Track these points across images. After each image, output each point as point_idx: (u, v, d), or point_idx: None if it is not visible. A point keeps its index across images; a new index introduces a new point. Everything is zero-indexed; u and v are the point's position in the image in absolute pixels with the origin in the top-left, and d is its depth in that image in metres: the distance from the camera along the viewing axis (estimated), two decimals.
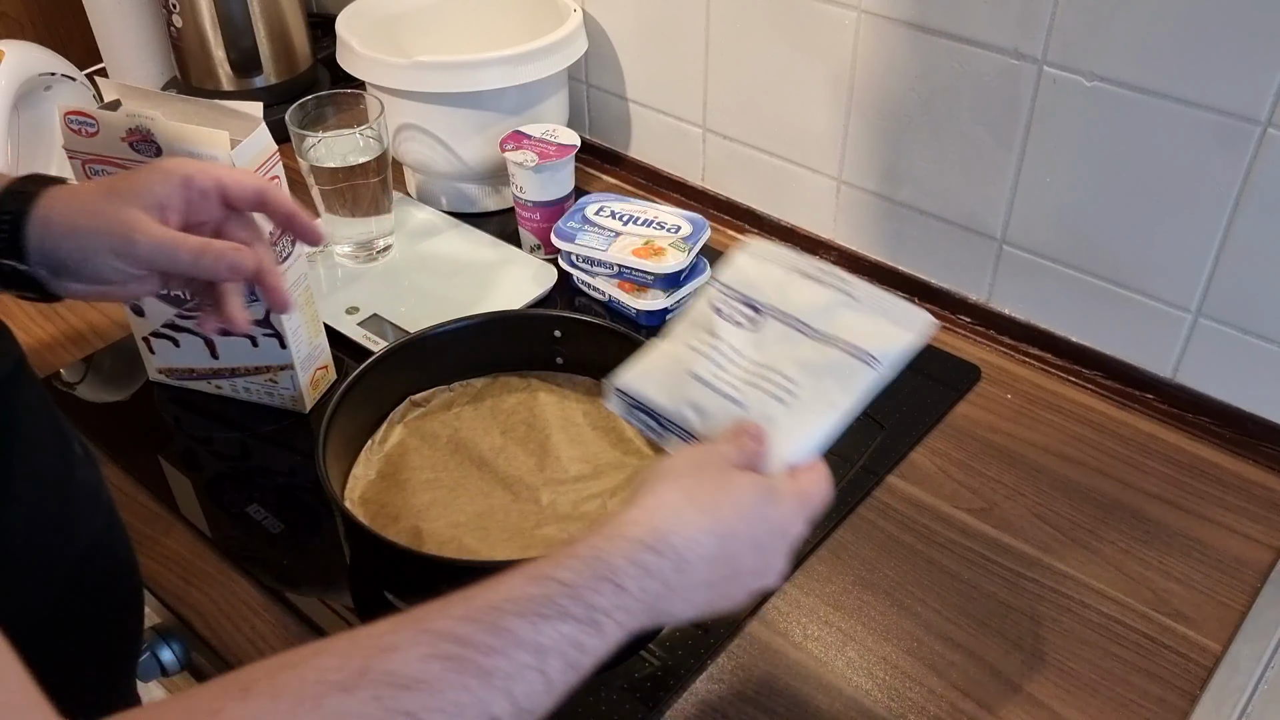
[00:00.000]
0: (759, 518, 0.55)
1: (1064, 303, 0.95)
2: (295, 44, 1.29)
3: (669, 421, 0.65)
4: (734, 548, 0.53)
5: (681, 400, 0.64)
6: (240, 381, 0.92)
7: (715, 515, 0.53)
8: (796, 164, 1.07)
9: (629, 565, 0.49)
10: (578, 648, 0.46)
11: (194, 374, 0.93)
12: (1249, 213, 0.81)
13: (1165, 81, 0.80)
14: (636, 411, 0.66)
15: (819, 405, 0.62)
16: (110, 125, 0.78)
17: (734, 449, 0.58)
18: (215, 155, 0.77)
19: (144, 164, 0.73)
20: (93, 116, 0.78)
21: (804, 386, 0.63)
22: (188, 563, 0.81)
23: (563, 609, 0.46)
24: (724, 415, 0.63)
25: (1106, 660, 0.73)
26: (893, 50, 0.94)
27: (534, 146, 1.05)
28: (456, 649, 0.43)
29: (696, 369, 0.65)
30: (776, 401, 0.62)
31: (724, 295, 0.68)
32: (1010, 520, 0.83)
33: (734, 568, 0.54)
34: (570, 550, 0.49)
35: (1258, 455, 0.87)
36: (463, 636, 0.44)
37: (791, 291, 0.67)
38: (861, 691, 0.71)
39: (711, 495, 0.54)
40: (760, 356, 0.65)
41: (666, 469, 0.56)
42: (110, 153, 0.80)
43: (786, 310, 0.66)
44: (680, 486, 0.54)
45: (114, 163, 0.80)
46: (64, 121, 0.79)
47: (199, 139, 0.77)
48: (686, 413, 0.64)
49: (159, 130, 0.77)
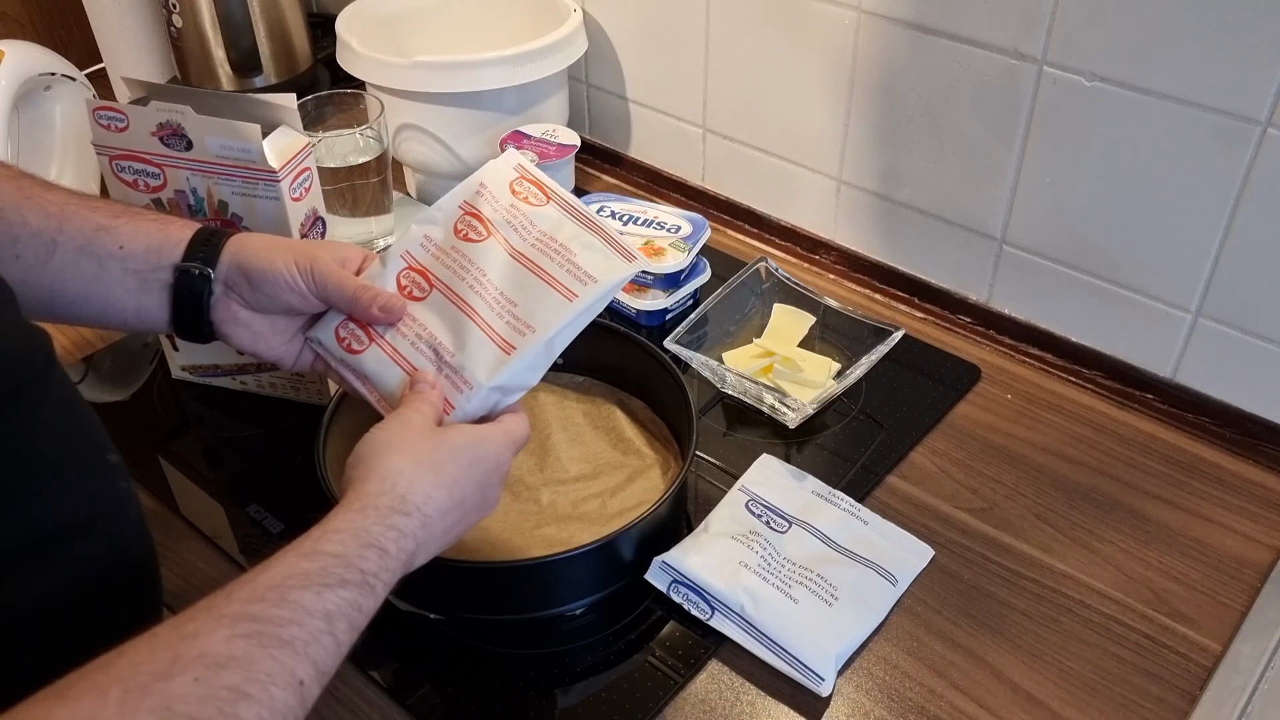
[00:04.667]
0: (475, 461, 0.62)
1: (1064, 303, 0.95)
2: (295, 44, 1.29)
3: (718, 601, 0.74)
4: (460, 493, 0.61)
5: (737, 586, 0.74)
6: (265, 377, 0.92)
7: (440, 470, 0.60)
8: (796, 164, 1.07)
9: (386, 530, 0.56)
10: (357, 609, 0.52)
11: (219, 370, 0.93)
12: (1249, 213, 0.81)
13: (1165, 81, 0.80)
14: (681, 587, 0.76)
15: (859, 609, 0.74)
16: (140, 119, 0.78)
17: (428, 407, 0.65)
18: (248, 148, 0.77)
19: (176, 157, 0.79)
20: (122, 111, 0.78)
21: (842, 591, 0.75)
22: (188, 563, 0.81)
23: (340, 577, 0.52)
24: (775, 603, 0.73)
25: (1106, 660, 0.73)
26: (893, 50, 0.94)
27: (534, 146, 1.05)
28: (256, 626, 0.48)
29: (746, 559, 0.76)
30: (823, 602, 0.74)
31: (760, 504, 0.81)
32: (1010, 520, 0.83)
33: (463, 509, 0.62)
34: (329, 525, 0.55)
35: (1258, 455, 0.87)
36: (256, 614, 0.48)
37: (815, 510, 0.81)
38: (861, 691, 0.71)
39: (431, 454, 0.61)
40: (800, 560, 0.77)
41: (383, 441, 0.61)
42: (140, 148, 0.79)
43: (815, 524, 0.79)
44: (404, 453, 0.60)
45: (142, 158, 0.80)
46: (93, 117, 0.79)
47: (231, 131, 0.77)
48: (740, 597, 0.73)
49: (189, 123, 0.77)
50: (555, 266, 0.69)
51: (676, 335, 0.93)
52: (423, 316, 0.70)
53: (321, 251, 0.70)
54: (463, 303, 0.69)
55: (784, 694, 0.72)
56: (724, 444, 0.89)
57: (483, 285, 0.70)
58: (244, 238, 0.70)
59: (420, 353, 0.69)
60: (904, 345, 0.94)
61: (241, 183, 0.79)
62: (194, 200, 0.82)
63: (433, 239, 0.72)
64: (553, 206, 0.72)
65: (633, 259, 0.70)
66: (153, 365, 0.99)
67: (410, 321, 0.70)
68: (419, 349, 0.69)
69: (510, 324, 0.68)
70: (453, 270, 0.71)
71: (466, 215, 0.72)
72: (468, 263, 0.70)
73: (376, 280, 0.71)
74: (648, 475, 0.82)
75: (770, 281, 1.00)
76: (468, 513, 0.63)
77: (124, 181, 0.82)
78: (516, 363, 0.67)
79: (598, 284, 0.68)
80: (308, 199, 0.82)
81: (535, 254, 0.70)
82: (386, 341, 0.70)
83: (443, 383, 0.67)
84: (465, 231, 0.72)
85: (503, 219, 0.72)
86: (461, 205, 0.73)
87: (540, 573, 0.73)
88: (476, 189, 0.73)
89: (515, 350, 0.67)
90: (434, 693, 0.72)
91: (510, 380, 0.67)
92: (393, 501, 0.57)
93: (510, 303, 0.69)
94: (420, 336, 0.69)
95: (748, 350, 0.96)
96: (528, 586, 0.74)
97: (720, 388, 0.93)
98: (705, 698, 0.71)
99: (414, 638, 0.75)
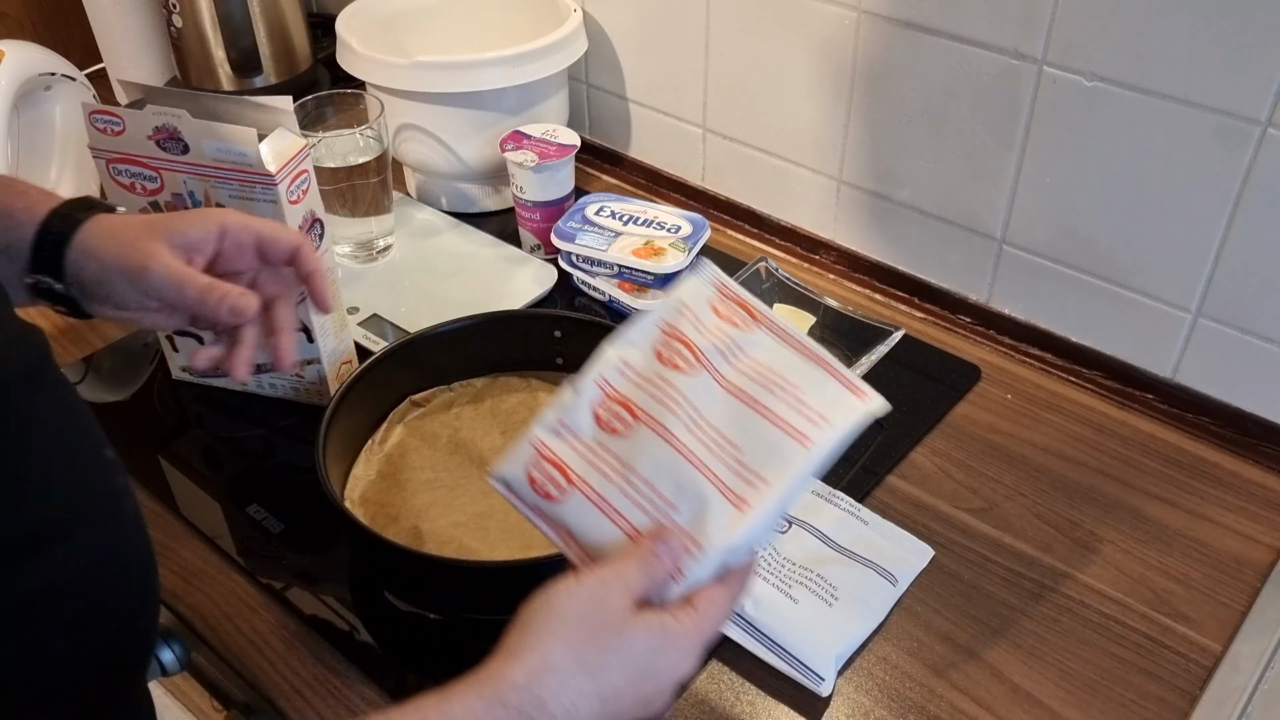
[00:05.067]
0: (648, 674, 0.53)
1: (1064, 303, 0.95)
2: (295, 44, 1.29)
3: None
4: (616, 707, 0.52)
5: None
6: (265, 378, 0.92)
7: (601, 679, 0.52)
8: (796, 164, 1.07)
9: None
10: None
11: (219, 371, 0.93)
12: (1249, 213, 0.81)
13: (1165, 81, 0.80)
14: None
15: (859, 609, 0.74)
16: (137, 123, 0.78)
17: (641, 580, 0.55)
18: (244, 151, 0.77)
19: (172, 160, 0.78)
20: (119, 115, 0.78)
21: (842, 591, 0.74)
22: (188, 563, 0.81)
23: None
24: (775, 603, 0.73)
25: (1106, 660, 0.73)
26: (893, 50, 0.94)
27: (534, 146, 1.05)
28: None
29: None
30: (823, 603, 0.73)
31: None
32: (1010, 520, 0.83)
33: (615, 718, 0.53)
34: (446, 707, 0.50)
35: (1258, 455, 0.87)
36: None
37: (815, 510, 0.79)
38: (861, 691, 0.71)
39: (599, 655, 0.52)
40: (800, 560, 0.75)
41: (560, 615, 0.53)
42: (136, 151, 0.79)
43: (814, 524, 0.78)
44: (568, 644, 0.52)
45: (139, 162, 0.80)
46: (89, 121, 0.79)
47: (227, 135, 0.77)
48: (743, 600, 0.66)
49: (186, 127, 0.77)
50: (779, 404, 0.59)
51: None
52: (630, 457, 0.59)
53: (159, 249, 0.66)
54: (678, 442, 0.59)
55: (784, 694, 0.72)
56: None
57: (698, 424, 0.59)
58: (85, 244, 0.66)
59: (635, 503, 0.58)
60: (904, 345, 0.94)
61: (239, 185, 0.79)
62: (192, 203, 0.82)
63: (632, 364, 0.62)
64: (764, 331, 0.62)
65: (864, 395, 0.59)
66: (153, 365, 0.99)
67: (616, 463, 0.59)
68: (633, 498, 0.58)
69: (737, 473, 0.58)
70: (661, 402, 0.60)
71: (668, 338, 0.62)
72: (678, 395, 0.60)
73: (570, 413, 0.61)
74: None
75: (770, 281, 1.00)
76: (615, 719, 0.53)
77: (121, 185, 0.82)
78: (753, 521, 0.56)
79: (832, 426, 0.58)
80: (305, 201, 0.82)
81: (754, 388, 0.60)
82: (592, 487, 0.59)
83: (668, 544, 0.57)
84: (671, 358, 0.61)
85: (711, 345, 0.62)
86: (661, 326, 0.62)
87: (540, 572, 0.72)
88: (678, 308, 0.63)
89: (749, 506, 0.56)
90: None
91: (745, 542, 0.56)
92: (526, 702, 0.50)
93: (733, 446, 0.58)
94: (632, 483, 0.58)
95: None
96: (528, 586, 0.74)
97: None
98: (705, 698, 0.71)
99: (414, 638, 0.75)
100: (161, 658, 0.82)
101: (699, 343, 0.62)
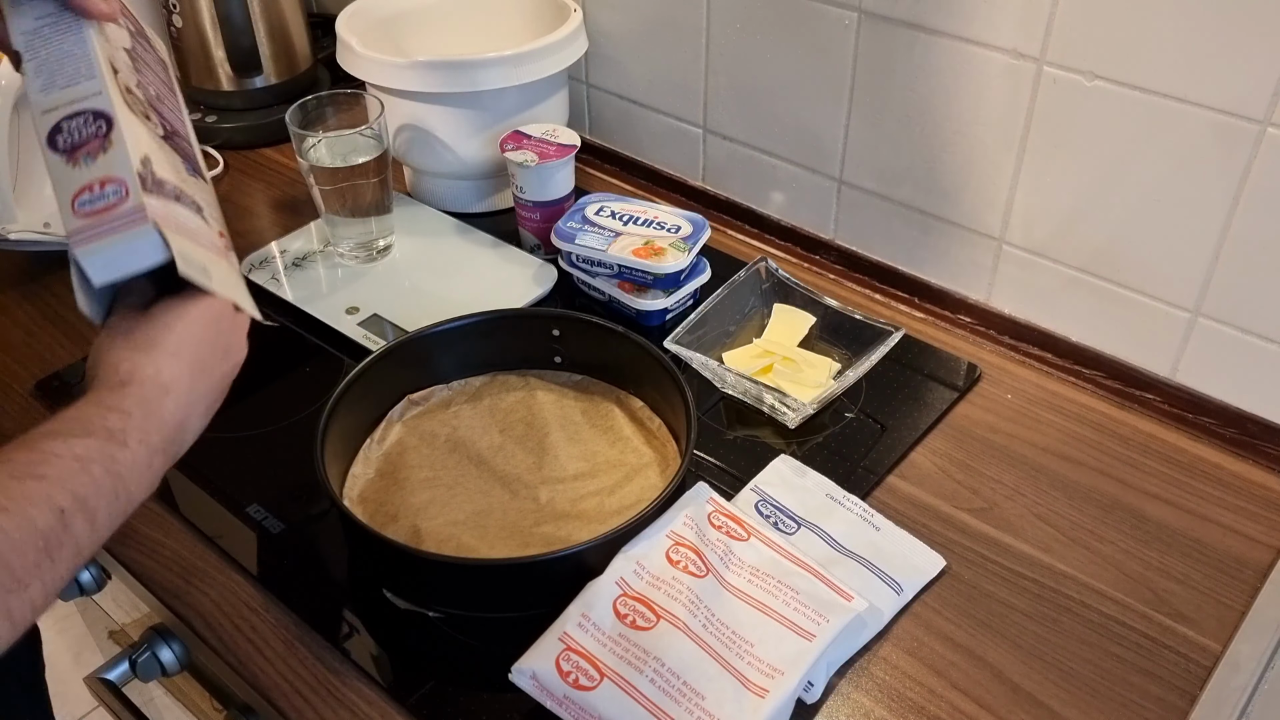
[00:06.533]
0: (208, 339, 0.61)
1: (1064, 303, 0.95)
2: (295, 44, 1.30)
3: None
4: (203, 353, 0.60)
5: None
6: None
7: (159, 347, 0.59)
8: (796, 164, 1.07)
9: (118, 399, 0.56)
10: (110, 457, 0.54)
11: None
12: (1248, 212, 0.81)
13: (1165, 81, 0.80)
14: None
15: None
16: None
17: None
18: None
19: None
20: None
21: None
22: (188, 563, 0.81)
23: (84, 429, 0.54)
24: None
25: (1106, 660, 0.73)
26: (893, 50, 0.94)
27: (534, 146, 1.05)
28: (7, 468, 0.51)
29: None
30: None
31: (770, 504, 0.81)
32: (1010, 520, 0.83)
33: (209, 372, 0.61)
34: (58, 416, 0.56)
35: (1258, 455, 0.87)
36: (5, 458, 0.52)
37: (826, 514, 0.80)
38: (861, 691, 0.71)
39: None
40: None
41: None
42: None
43: (824, 528, 0.79)
44: None
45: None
46: None
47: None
48: None
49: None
50: (783, 605, 0.71)
51: (676, 335, 0.93)
52: (656, 649, 0.67)
53: None
54: (697, 638, 0.68)
55: None
56: (723, 444, 0.89)
57: (713, 623, 0.69)
58: None
59: (664, 691, 0.65)
60: (904, 345, 0.94)
61: None
62: None
63: (646, 567, 0.71)
64: (756, 542, 0.75)
65: (851, 597, 0.72)
66: None
67: (643, 654, 0.67)
68: (662, 687, 0.66)
69: (753, 665, 0.68)
70: (679, 601, 0.69)
71: (678, 545, 0.72)
72: (695, 597, 0.70)
73: (593, 609, 0.68)
74: (646, 474, 0.82)
75: (770, 281, 1.00)
76: (214, 375, 0.62)
77: None
78: (774, 706, 0.66)
79: (829, 623, 0.70)
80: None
81: (759, 592, 0.71)
82: (622, 676, 0.66)
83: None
84: (683, 563, 0.71)
85: (716, 555, 0.73)
86: (668, 535, 0.73)
87: (539, 570, 0.73)
88: (682, 520, 0.73)
89: (769, 694, 0.66)
90: (434, 692, 0.72)
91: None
92: (111, 379, 0.58)
93: (746, 643, 0.69)
94: (660, 674, 0.66)
95: (748, 350, 0.96)
96: (526, 584, 0.74)
97: (720, 388, 0.93)
98: None
99: (413, 636, 0.75)
100: (161, 658, 0.82)
101: (704, 551, 0.72)
